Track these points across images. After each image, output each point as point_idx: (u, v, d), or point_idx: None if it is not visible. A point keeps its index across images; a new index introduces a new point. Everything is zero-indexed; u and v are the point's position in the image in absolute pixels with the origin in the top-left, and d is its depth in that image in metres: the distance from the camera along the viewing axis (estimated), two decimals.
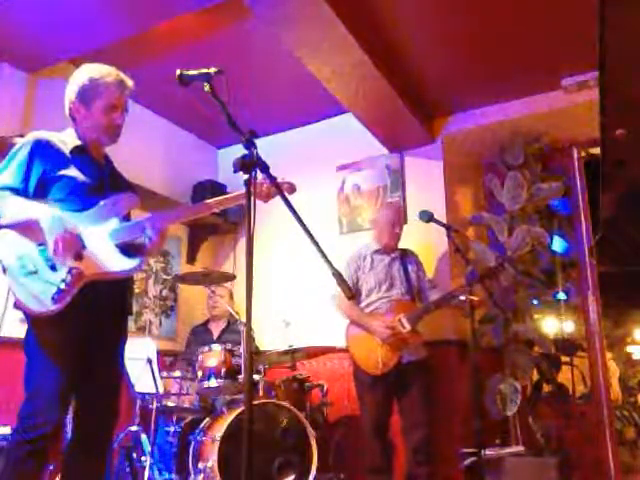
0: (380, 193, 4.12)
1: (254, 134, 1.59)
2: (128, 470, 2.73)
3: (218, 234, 4.65)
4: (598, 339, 3.77)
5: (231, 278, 3.63)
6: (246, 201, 1.52)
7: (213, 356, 3.24)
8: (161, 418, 3.35)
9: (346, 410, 3.51)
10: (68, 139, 2.05)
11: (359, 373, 3.22)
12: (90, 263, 1.90)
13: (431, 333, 3.50)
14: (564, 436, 3.47)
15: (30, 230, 1.86)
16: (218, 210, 2.21)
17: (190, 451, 3.08)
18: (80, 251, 1.90)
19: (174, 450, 3.27)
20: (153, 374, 3.06)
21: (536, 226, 3.65)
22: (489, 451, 3.04)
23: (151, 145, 4.22)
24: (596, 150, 4.00)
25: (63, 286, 1.83)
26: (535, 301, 3.77)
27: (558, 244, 4.16)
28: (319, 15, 2.73)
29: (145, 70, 3.58)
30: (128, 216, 2.12)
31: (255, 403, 2.97)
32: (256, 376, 3.29)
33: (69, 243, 1.84)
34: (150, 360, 3.08)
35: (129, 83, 2.10)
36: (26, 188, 1.92)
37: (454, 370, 3.53)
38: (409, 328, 3.13)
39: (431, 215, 3.03)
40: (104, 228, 1.97)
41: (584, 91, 3.51)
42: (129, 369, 3.02)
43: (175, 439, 3.27)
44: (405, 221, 3.94)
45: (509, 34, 3.20)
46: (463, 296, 2.88)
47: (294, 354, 3.39)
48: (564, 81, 3.57)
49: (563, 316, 4.29)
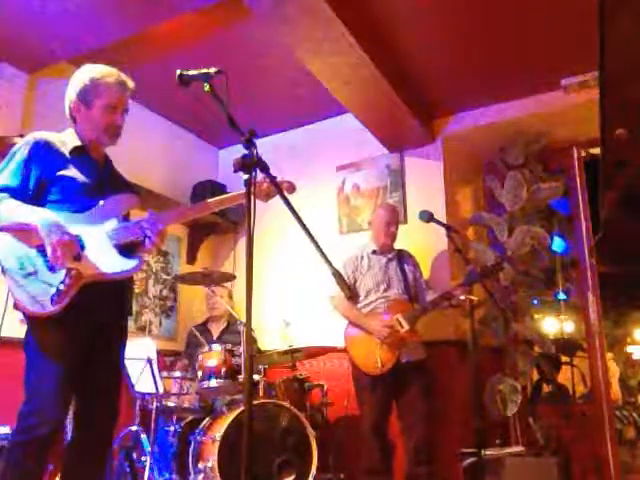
0: (380, 193, 4.12)
1: (254, 134, 1.59)
2: (128, 470, 2.73)
3: (218, 234, 4.64)
4: (598, 339, 3.77)
5: (231, 278, 3.63)
6: (246, 201, 1.52)
7: (213, 356, 3.23)
8: (161, 418, 3.35)
9: (346, 410, 3.51)
10: (68, 139, 2.05)
11: (358, 374, 3.22)
12: (89, 264, 1.90)
13: (431, 333, 3.50)
14: (564, 436, 3.47)
15: (28, 234, 1.85)
16: (217, 210, 2.22)
17: (190, 451, 3.08)
18: (79, 253, 1.90)
19: (174, 450, 3.27)
20: (153, 374, 3.06)
21: (536, 226, 3.65)
22: (489, 451, 3.04)
23: (151, 145, 4.21)
24: (596, 150, 3.99)
25: (62, 287, 1.83)
26: (535, 301, 3.77)
27: (558, 244, 4.16)
28: (319, 15, 2.73)
29: (145, 70, 3.57)
30: (127, 216, 2.12)
31: (255, 403, 2.97)
32: (256, 376, 3.29)
33: (67, 247, 1.83)
34: (150, 360, 3.07)
35: (130, 84, 2.10)
36: (25, 188, 1.92)
37: (454, 370, 3.52)
38: (407, 327, 3.13)
39: (431, 215, 3.04)
40: (103, 229, 1.97)
41: (584, 91, 3.51)
42: (129, 369, 3.02)
43: (175, 439, 3.27)
44: (405, 221, 3.94)
45: (509, 34, 3.20)
46: (463, 296, 2.88)
47: (294, 354, 3.40)
48: (564, 81, 3.56)
49: (563, 316, 4.29)
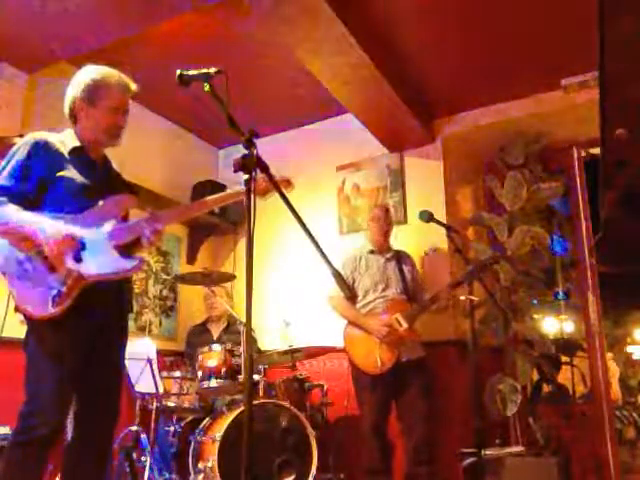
0: (380, 193, 4.12)
1: (254, 134, 1.58)
2: (128, 470, 2.73)
3: (218, 234, 4.64)
4: (598, 339, 3.76)
5: (231, 278, 3.63)
6: (246, 201, 1.51)
7: (213, 356, 3.24)
8: (161, 418, 3.35)
9: (346, 410, 3.51)
10: (67, 140, 2.04)
11: (358, 374, 3.22)
12: (89, 265, 1.90)
13: (431, 333, 3.50)
14: (564, 436, 3.47)
15: (26, 239, 1.85)
16: (216, 208, 2.21)
17: (190, 451, 3.08)
18: (79, 254, 1.90)
19: (174, 450, 3.27)
20: (153, 374, 3.06)
21: (536, 226, 3.65)
22: (489, 451, 3.04)
23: (151, 145, 4.21)
24: (596, 150, 3.99)
25: (63, 289, 1.83)
26: (535, 301, 3.77)
27: (558, 244, 4.16)
28: (319, 15, 2.73)
29: (145, 70, 3.57)
30: (127, 216, 2.12)
31: (255, 403, 2.98)
32: (256, 376, 3.29)
33: (66, 244, 1.83)
34: (150, 360, 3.07)
35: (132, 86, 2.11)
36: (24, 189, 1.91)
37: (454, 370, 3.52)
38: (406, 326, 3.14)
39: (431, 215, 3.03)
40: (103, 229, 1.97)
41: (584, 91, 3.51)
42: (129, 369, 3.02)
43: (175, 439, 3.27)
44: (405, 221, 3.95)
45: (509, 34, 3.20)
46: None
47: (294, 354, 3.39)
48: (564, 81, 3.56)
49: (563, 316, 4.29)
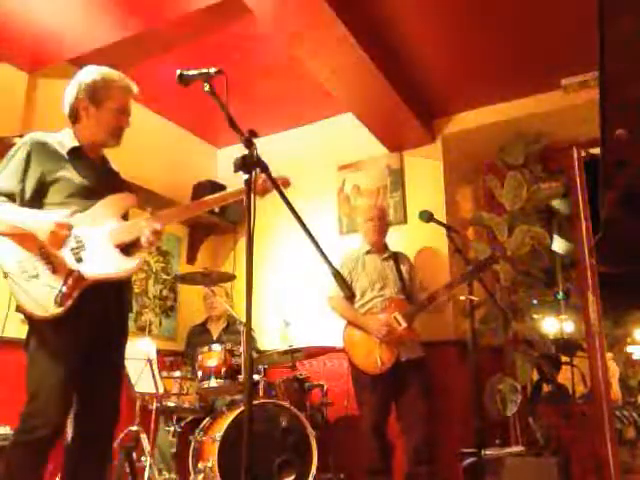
0: (380, 193, 4.12)
1: (254, 134, 1.59)
2: (128, 470, 2.73)
3: (218, 234, 4.64)
4: (598, 339, 3.76)
5: (231, 278, 3.63)
6: (246, 201, 1.52)
7: (213, 356, 3.24)
8: (161, 418, 3.35)
9: (346, 410, 3.51)
10: (65, 140, 2.04)
11: (358, 374, 3.22)
12: (90, 265, 1.90)
13: (431, 333, 3.49)
14: (564, 436, 3.47)
15: (28, 238, 1.85)
16: (216, 208, 2.22)
17: (190, 451, 3.08)
18: (79, 253, 1.90)
19: (174, 450, 3.27)
20: (153, 374, 3.05)
21: (536, 226, 3.65)
22: (489, 451, 3.04)
23: (151, 145, 4.21)
24: (596, 150, 3.99)
25: (65, 289, 1.83)
26: (535, 301, 3.76)
27: (558, 244, 4.16)
28: (319, 15, 2.73)
29: (145, 70, 3.58)
30: (126, 216, 2.12)
31: (255, 403, 2.97)
32: (256, 376, 3.29)
33: (61, 228, 1.84)
34: (150, 360, 3.07)
35: (135, 88, 2.13)
36: (23, 190, 1.91)
37: (454, 370, 3.52)
38: (405, 325, 3.14)
39: (431, 215, 3.03)
40: (102, 229, 1.97)
41: (584, 91, 3.51)
42: (129, 369, 3.01)
43: (175, 439, 3.27)
44: (405, 221, 3.95)
45: (509, 34, 3.20)
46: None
47: (294, 354, 3.39)
48: (564, 81, 3.56)
49: (563, 316, 4.29)
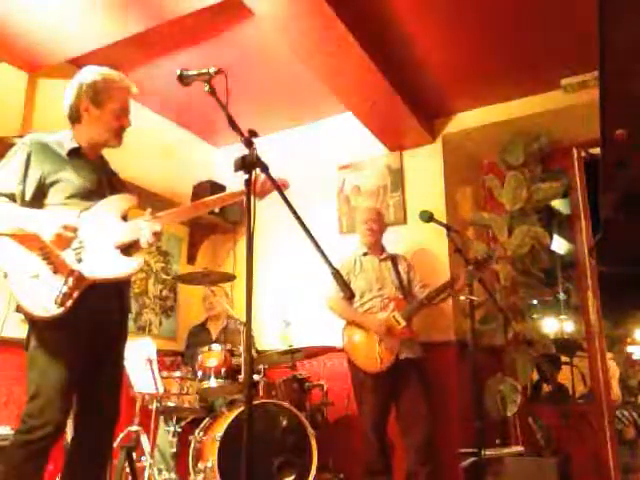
0: (380, 193, 4.12)
1: (254, 134, 1.59)
2: (128, 470, 2.73)
3: (218, 234, 4.64)
4: (598, 339, 3.76)
5: (231, 278, 3.63)
6: (246, 201, 1.51)
7: (213, 356, 3.23)
8: (161, 418, 3.35)
9: (346, 410, 3.51)
10: (64, 141, 2.04)
11: (358, 374, 3.22)
12: (90, 265, 1.90)
13: (431, 333, 3.49)
14: (564, 436, 3.47)
15: (28, 238, 1.85)
16: (217, 209, 2.22)
17: (190, 451, 3.08)
18: (80, 253, 1.90)
19: (174, 450, 3.27)
20: (153, 374, 3.05)
21: (536, 226, 3.65)
22: (489, 451, 3.04)
23: (151, 145, 4.21)
24: (596, 150, 3.99)
25: (65, 290, 1.83)
26: (535, 301, 3.77)
27: (558, 244, 4.16)
28: (319, 15, 2.73)
29: (145, 70, 3.58)
30: (126, 217, 2.12)
31: (255, 403, 2.97)
32: (256, 376, 3.29)
33: (69, 230, 1.84)
34: (150, 360, 3.07)
35: (134, 89, 2.13)
36: (23, 191, 1.91)
37: (454, 370, 3.52)
38: (404, 324, 3.15)
39: (431, 215, 3.03)
40: (102, 229, 1.97)
41: (584, 91, 3.51)
42: (129, 369, 3.02)
43: (175, 439, 3.27)
44: (405, 221, 3.95)
45: (509, 34, 3.20)
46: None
47: (294, 354, 3.39)
48: (564, 81, 3.56)
49: (563, 316, 4.29)
